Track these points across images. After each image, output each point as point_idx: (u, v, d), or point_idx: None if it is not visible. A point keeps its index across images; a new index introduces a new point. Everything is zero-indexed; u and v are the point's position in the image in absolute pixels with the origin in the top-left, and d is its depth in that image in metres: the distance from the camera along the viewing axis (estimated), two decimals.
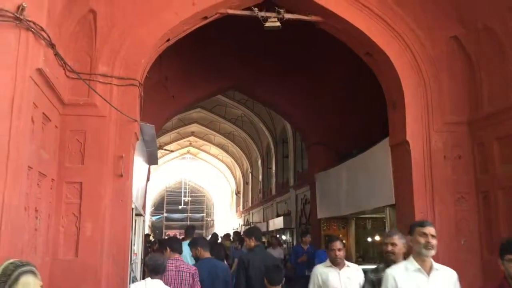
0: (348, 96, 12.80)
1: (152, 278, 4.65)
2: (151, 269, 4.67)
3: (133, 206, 6.91)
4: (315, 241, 12.54)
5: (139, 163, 7.81)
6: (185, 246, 6.89)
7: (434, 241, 3.89)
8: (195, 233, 9.99)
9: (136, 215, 8.32)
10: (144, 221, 11.22)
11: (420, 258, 3.92)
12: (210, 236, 15.36)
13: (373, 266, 5.16)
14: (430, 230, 3.92)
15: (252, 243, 6.27)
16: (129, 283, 6.58)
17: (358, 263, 8.01)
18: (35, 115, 4.63)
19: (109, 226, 5.84)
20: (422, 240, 3.89)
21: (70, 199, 5.74)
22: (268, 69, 13.13)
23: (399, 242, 4.72)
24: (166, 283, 4.88)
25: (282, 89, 13.83)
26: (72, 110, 5.85)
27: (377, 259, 11.73)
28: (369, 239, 13.69)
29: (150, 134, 7.66)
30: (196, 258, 6.36)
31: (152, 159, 10.10)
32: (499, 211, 6.35)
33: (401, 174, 7.24)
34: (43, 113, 4.96)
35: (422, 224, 4.02)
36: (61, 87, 5.45)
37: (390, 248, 4.73)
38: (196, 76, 12.73)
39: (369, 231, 13.70)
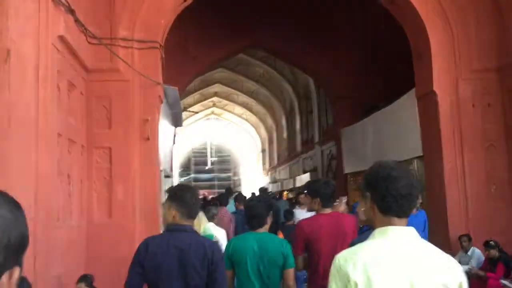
0: (373, 48, 12.53)
1: (208, 221, 5.88)
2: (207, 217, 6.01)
3: (161, 168, 7.02)
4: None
5: (164, 126, 7.87)
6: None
7: None
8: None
9: (165, 176, 8.47)
10: (172, 182, 11.40)
11: None
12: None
13: None
14: None
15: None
16: None
17: None
18: (60, 82, 4.68)
19: (139, 188, 5.97)
20: None
21: (101, 164, 5.87)
22: (290, 25, 12.89)
23: None
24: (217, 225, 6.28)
25: (305, 45, 13.58)
26: (96, 76, 5.89)
27: None
28: None
29: (173, 96, 7.69)
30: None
31: (177, 121, 10.18)
32: None
33: (429, 124, 7.13)
34: (68, 80, 5.01)
35: None
36: (84, 53, 5.47)
37: None
38: (216, 36, 12.58)
39: None
